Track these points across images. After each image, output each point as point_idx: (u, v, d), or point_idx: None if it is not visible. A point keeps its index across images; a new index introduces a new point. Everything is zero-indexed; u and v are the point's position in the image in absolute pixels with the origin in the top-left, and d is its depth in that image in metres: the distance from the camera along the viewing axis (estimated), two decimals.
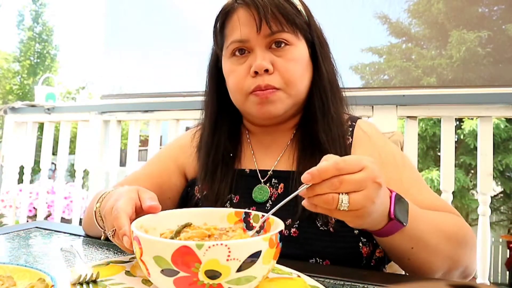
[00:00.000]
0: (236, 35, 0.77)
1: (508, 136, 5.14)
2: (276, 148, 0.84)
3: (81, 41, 36.71)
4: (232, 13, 0.79)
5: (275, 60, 0.76)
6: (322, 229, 0.72)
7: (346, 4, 2.04)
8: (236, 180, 0.82)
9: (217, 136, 0.85)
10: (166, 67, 2.56)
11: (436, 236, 0.65)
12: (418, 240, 0.63)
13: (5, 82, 14.22)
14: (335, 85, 0.82)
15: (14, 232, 0.79)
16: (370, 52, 2.27)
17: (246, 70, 0.77)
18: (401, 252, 0.65)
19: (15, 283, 0.47)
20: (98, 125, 2.32)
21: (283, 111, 0.78)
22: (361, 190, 0.51)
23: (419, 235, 0.63)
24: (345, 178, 0.50)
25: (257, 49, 0.76)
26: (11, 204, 2.60)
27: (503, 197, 5.92)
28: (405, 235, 0.61)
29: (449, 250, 0.65)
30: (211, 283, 0.42)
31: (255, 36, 0.75)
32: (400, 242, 0.63)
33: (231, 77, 0.80)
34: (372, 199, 0.52)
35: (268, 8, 0.73)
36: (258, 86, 0.75)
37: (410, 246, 0.63)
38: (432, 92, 1.68)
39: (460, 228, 0.69)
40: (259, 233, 0.56)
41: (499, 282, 6.00)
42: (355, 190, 0.51)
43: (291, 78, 0.76)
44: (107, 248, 0.71)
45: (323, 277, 0.57)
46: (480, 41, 1.83)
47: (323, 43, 0.82)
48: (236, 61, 0.79)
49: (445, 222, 0.68)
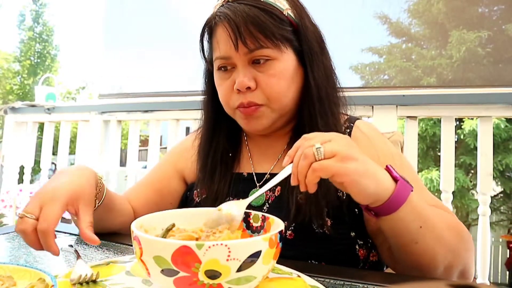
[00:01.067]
0: (218, 52, 0.77)
1: (508, 136, 5.14)
2: (273, 152, 0.84)
3: (81, 41, 36.74)
4: (214, 27, 0.78)
5: (258, 75, 0.74)
6: (318, 231, 0.71)
7: (346, 4, 2.04)
8: (234, 183, 0.82)
9: (216, 137, 0.85)
10: (166, 67, 2.56)
11: (439, 220, 0.64)
12: (426, 219, 0.61)
13: (5, 82, 14.23)
14: (325, 94, 0.78)
15: (14, 232, 0.79)
16: (370, 52, 2.27)
17: (231, 85, 0.76)
18: (411, 233, 0.62)
19: (15, 283, 0.47)
20: (98, 125, 2.32)
21: (269, 125, 0.78)
22: (330, 140, 0.56)
23: (426, 213, 0.62)
24: (313, 134, 0.58)
25: (239, 65, 0.75)
26: (11, 204, 2.60)
27: (503, 197, 5.91)
28: (414, 208, 0.60)
29: (451, 241, 0.64)
30: (211, 283, 0.42)
31: (235, 53, 0.74)
32: (410, 218, 0.60)
33: (219, 91, 0.80)
34: (344, 145, 0.55)
35: (242, 27, 0.71)
36: (241, 104, 0.75)
37: (419, 225, 0.61)
38: (432, 92, 1.69)
39: (458, 224, 0.68)
40: (258, 232, 0.56)
41: (499, 282, 6.00)
42: (325, 141, 0.55)
43: (274, 94, 0.74)
44: (107, 248, 0.71)
45: (323, 277, 0.57)
46: (480, 41, 1.83)
47: (314, 48, 0.78)
48: (222, 75, 0.78)
49: (445, 215, 0.68)
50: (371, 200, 0.58)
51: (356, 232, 0.73)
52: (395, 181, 0.58)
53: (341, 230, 0.72)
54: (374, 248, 0.75)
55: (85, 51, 35.32)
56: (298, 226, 0.73)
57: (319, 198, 0.70)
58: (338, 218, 0.72)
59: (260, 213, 0.57)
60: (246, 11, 0.72)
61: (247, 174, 0.83)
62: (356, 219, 0.73)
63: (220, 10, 0.75)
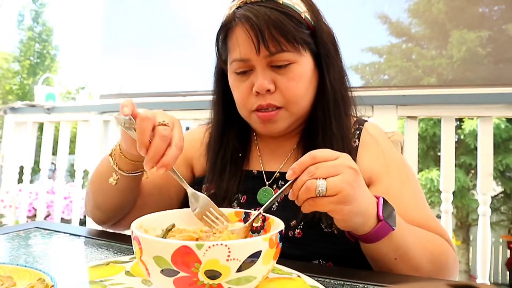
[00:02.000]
0: (236, 54, 0.75)
1: (509, 136, 5.14)
2: (282, 152, 0.84)
3: (81, 41, 36.72)
4: (233, 29, 0.76)
5: (277, 78, 0.74)
6: (326, 231, 0.72)
7: (346, 4, 2.04)
8: (243, 180, 0.82)
9: (226, 136, 0.85)
10: (166, 67, 2.56)
11: (420, 252, 0.65)
12: (403, 252, 0.63)
13: (5, 82, 14.23)
14: (341, 95, 0.79)
15: (14, 232, 0.79)
16: (370, 52, 2.27)
17: (249, 88, 0.76)
18: (384, 262, 0.65)
19: (15, 283, 0.47)
20: (98, 125, 2.32)
21: (285, 128, 0.78)
22: (338, 175, 0.53)
23: (405, 246, 0.63)
24: (321, 164, 0.54)
25: (258, 68, 0.74)
26: (11, 204, 2.60)
27: (503, 197, 5.92)
28: (392, 243, 0.61)
29: (430, 271, 0.66)
30: (211, 283, 0.42)
31: (255, 56, 0.73)
32: (385, 251, 0.63)
33: (235, 93, 0.79)
34: (349, 183, 0.54)
35: (265, 30, 0.70)
36: (260, 106, 0.75)
37: (394, 257, 0.63)
38: (432, 92, 1.68)
39: (444, 252, 0.69)
40: (258, 232, 0.56)
41: (499, 282, 6.01)
42: (332, 174, 0.53)
43: (293, 97, 0.75)
44: (107, 248, 0.71)
45: (323, 277, 0.57)
46: (480, 41, 1.83)
47: (330, 50, 0.78)
48: (239, 78, 0.78)
49: (431, 242, 0.69)
50: (351, 230, 0.61)
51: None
52: (378, 220, 0.59)
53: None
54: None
55: (84, 51, 35.35)
56: (307, 225, 0.73)
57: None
58: None
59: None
60: (268, 14, 0.71)
61: (256, 172, 0.83)
62: None
63: (240, 12, 0.74)
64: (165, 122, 0.59)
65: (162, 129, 0.58)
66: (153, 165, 0.57)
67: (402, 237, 0.62)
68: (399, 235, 0.62)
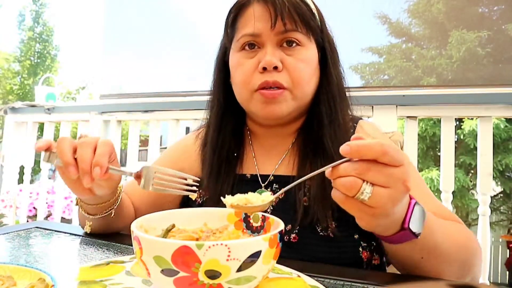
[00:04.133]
0: (249, 29, 0.76)
1: (508, 136, 5.14)
2: (277, 152, 0.83)
3: (81, 41, 36.73)
4: (247, 7, 0.77)
5: (285, 58, 0.75)
6: (322, 234, 0.71)
7: (346, 3, 2.04)
8: (237, 184, 0.81)
9: (222, 134, 0.84)
10: (166, 67, 2.56)
11: (448, 246, 0.62)
12: (430, 250, 0.59)
13: (5, 82, 14.23)
14: (343, 92, 0.81)
15: (14, 232, 0.79)
16: (370, 52, 2.27)
17: (255, 65, 0.75)
18: (410, 261, 0.62)
19: (15, 283, 0.47)
20: (98, 125, 2.32)
21: (287, 112, 0.77)
22: (388, 187, 0.46)
23: (432, 245, 0.59)
24: (378, 168, 0.45)
25: (268, 45, 0.75)
26: (11, 204, 2.60)
27: (503, 197, 5.92)
28: (417, 245, 0.58)
29: (460, 260, 0.63)
30: (211, 283, 0.42)
31: (268, 31, 0.74)
32: (410, 252, 0.60)
33: (238, 71, 0.78)
34: (394, 201, 0.48)
35: (285, 6, 0.73)
36: (266, 82, 0.73)
37: (420, 256, 0.60)
38: (432, 92, 1.68)
39: (470, 239, 0.67)
40: (258, 232, 0.56)
41: (499, 282, 6.00)
42: (383, 184, 0.46)
43: (300, 78, 0.75)
44: (107, 248, 0.71)
45: (323, 277, 0.57)
46: (480, 41, 1.83)
47: (334, 49, 0.82)
48: (245, 55, 0.77)
49: (457, 233, 0.67)
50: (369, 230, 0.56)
51: (359, 234, 0.72)
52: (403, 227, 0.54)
53: (345, 232, 0.72)
54: (376, 251, 0.74)
55: (85, 51, 35.34)
56: (303, 229, 0.72)
57: (325, 201, 0.70)
58: (343, 220, 0.71)
59: (260, 213, 0.57)
60: None
61: (250, 175, 0.82)
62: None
63: None
64: (84, 135, 0.61)
65: (82, 139, 0.60)
66: (88, 175, 0.59)
67: (430, 238, 0.58)
68: (426, 237, 0.57)
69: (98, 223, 0.76)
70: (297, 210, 0.73)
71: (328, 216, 0.71)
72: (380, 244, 0.73)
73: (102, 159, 0.59)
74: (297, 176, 0.76)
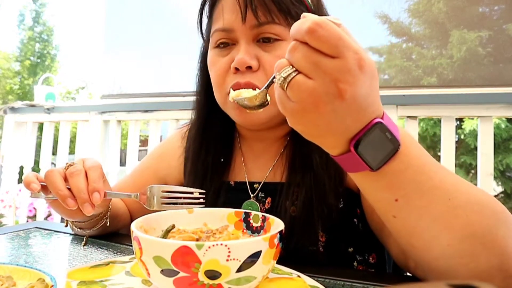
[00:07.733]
0: (220, 24, 0.66)
1: (509, 136, 5.14)
2: (267, 159, 0.76)
3: (81, 41, 36.75)
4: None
5: (262, 55, 0.65)
6: (311, 249, 0.66)
7: (346, 3, 2.04)
8: (225, 192, 0.75)
9: (207, 139, 0.77)
10: (166, 67, 2.56)
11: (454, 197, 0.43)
12: (411, 199, 0.43)
13: (5, 82, 14.24)
14: None
15: (14, 232, 0.79)
16: (370, 52, 2.27)
17: (228, 63, 0.66)
18: (383, 204, 0.46)
19: (15, 283, 0.47)
20: (98, 125, 2.32)
21: (266, 119, 0.68)
22: (311, 79, 0.36)
23: (412, 185, 0.42)
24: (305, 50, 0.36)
25: (242, 41, 0.65)
26: (11, 204, 2.60)
27: (503, 197, 5.92)
28: (386, 185, 0.43)
29: (466, 217, 0.42)
30: (211, 283, 0.42)
31: (240, 26, 0.64)
32: (377, 195, 0.45)
33: (212, 71, 0.69)
34: (318, 102, 0.36)
35: None
36: (237, 84, 0.64)
37: (394, 198, 0.43)
38: (433, 92, 1.68)
39: (490, 198, 0.45)
40: (258, 232, 0.56)
41: None
42: (306, 73, 0.37)
43: None
44: (107, 248, 0.71)
45: (323, 277, 0.57)
46: (480, 41, 1.83)
47: None
48: (219, 52, 0.68)
49: (471, 187, 0.46)
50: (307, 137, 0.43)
51: (354, 247, 0.67)
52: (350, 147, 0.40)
53: (337, 246, 0.66)
54: (373, 265, 0.69)
55: (85, 51, 35.37)
56: (290, 243, 0.64)
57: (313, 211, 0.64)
58: (334, 232, 0.66)
59: (260, 213, 0.57)
60: None
61: (239, 183, 0.76)
62: (355, 232, 0.67)
63: None
64: (70, 163, 0.60)
65: (70, 169, 0.58)
66: (89, 203, 0.57)
67: (412, 176, 0.42)
68: (404, 174, 0.42)
69: (94, 233, 0.75)
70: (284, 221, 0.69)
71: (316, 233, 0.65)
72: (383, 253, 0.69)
73: (98, 185, 0.58)
74: (286, 183, 0.69)
